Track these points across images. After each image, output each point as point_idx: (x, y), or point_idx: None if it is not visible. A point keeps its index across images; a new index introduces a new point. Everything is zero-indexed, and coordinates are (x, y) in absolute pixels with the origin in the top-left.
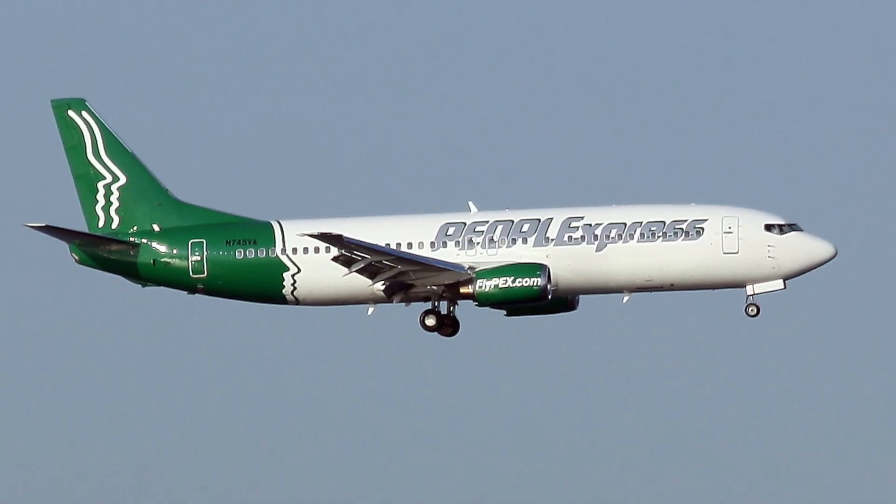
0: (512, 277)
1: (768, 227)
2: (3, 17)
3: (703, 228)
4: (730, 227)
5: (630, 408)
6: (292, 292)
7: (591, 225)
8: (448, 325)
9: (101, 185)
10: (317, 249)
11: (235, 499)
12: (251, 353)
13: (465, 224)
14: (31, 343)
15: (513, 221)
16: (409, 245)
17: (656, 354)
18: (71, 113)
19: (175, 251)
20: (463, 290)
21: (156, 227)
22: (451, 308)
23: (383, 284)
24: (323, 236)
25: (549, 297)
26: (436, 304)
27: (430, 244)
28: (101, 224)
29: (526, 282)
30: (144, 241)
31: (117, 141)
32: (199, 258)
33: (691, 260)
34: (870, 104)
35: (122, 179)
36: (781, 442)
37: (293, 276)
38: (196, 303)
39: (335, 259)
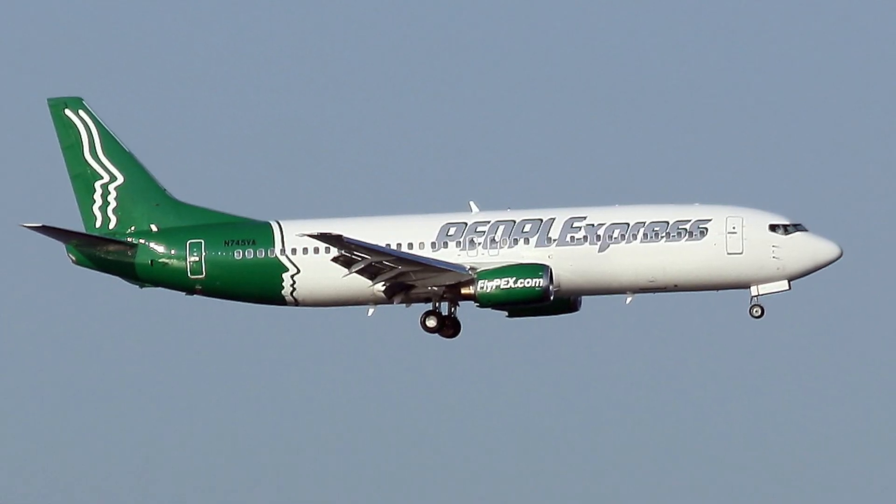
0: (514, 278)
1: (773, 228)
2: (1, 16)
3: (706, 229)
4: (734, 228)
5: (633, 410)
6: (291, 293)
7: (593, 225)
8: (449, 327)
9: (98, 184)
10: (316, 250)
11: (235, 499)
12: (250, 355)
13: (466, 224)
14: (29, 344)
15: (514, 221)
16: (410, 245)
17: (659, 356)
18: (68, 112)
19: (173, 252)
20: (464, 290)
21: (153, 228)
22: (453, 309)
23: (384, 285)
24: (323, 236)
25: (551, 298)
26: (437, 305)
27: (431, 244)
28: (98, 224)
29: (528, 282)
30: (142, 241)
31: (115, 140)
32: (197, 259)
33: (695, 260)
34: (874, 104)
35: (120, 179)
36: (786, 443)
37: (292, 276)
38: (194, 304)
39: (335, 259)
